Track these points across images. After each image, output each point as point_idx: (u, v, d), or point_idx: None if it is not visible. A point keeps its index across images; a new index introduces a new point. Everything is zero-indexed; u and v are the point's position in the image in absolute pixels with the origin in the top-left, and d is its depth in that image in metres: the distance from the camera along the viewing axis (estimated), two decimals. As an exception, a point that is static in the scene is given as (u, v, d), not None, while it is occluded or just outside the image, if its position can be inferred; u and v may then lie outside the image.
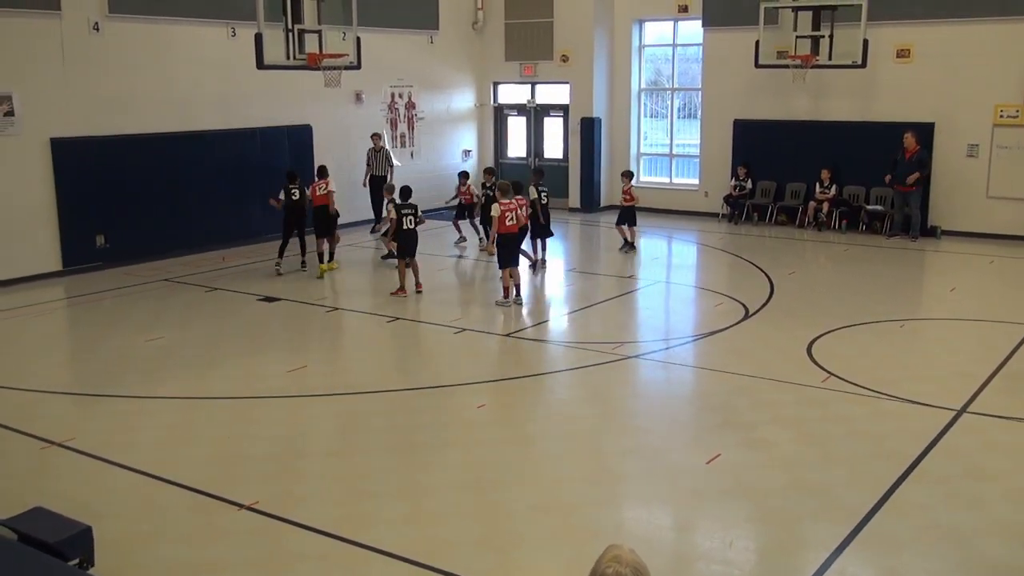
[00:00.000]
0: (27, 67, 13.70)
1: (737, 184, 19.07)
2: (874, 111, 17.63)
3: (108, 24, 14.56)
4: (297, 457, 7.68)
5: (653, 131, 21.49)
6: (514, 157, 22.06)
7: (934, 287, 14.45)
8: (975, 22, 16.50)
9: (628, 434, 8.20)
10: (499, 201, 12.52)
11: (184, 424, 8.44)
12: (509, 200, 12.54)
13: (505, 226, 12.43)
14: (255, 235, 16.83)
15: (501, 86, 22.01)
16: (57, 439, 7.97)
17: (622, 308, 12.95)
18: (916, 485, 6.98)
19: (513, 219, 12.45)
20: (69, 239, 14.43)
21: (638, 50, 20.75)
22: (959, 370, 9.68)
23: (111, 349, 10.81)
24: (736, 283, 14.11)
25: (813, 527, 6.40)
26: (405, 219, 12.98)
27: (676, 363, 10.31)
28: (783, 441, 7.86)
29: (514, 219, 12.47)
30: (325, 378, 9.78)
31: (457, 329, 11.52)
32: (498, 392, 9.33)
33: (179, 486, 7.08)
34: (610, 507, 6.84)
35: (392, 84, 19.49)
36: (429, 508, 6.71)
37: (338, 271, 14.99)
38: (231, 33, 16.03)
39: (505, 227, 12.43)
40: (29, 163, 13.89)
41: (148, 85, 15.16)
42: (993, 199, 16.85)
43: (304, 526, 6.41)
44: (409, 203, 13.18)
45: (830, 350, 10.33)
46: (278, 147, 17.13)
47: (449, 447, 7.86)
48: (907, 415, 8.43)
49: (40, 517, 5.28)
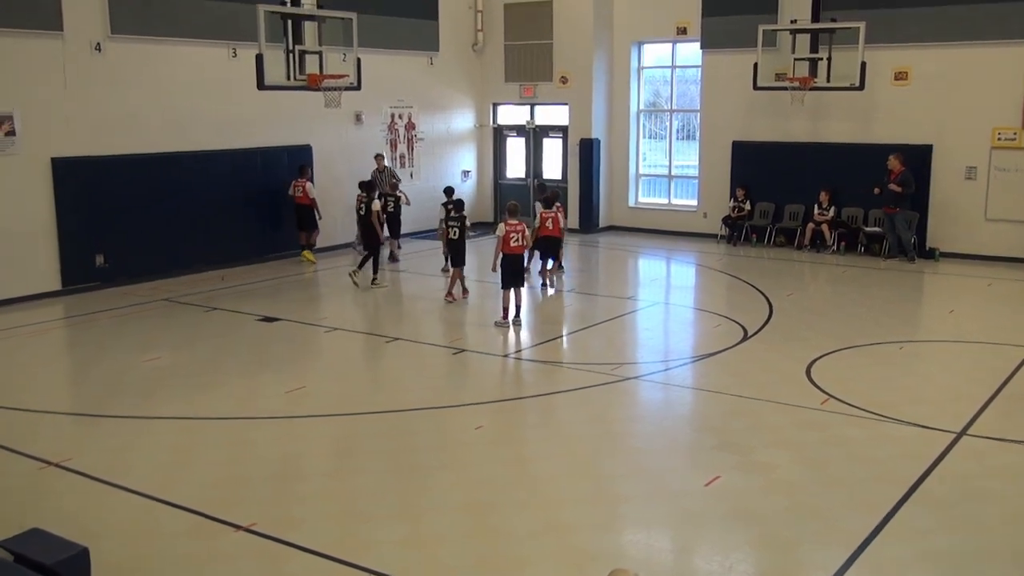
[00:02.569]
0: (29, 87, 13.76)
1: (736, 205, 19.12)
2: (872, 133, 17.71)
3: (110, 44, 14.62)
4: (295, 478, 7.65)
5: (652, 152, 21.57)
6: (513, 177, 22.12)
7: (933, 309, 14.46)
8: (973, 45, 16.60)
9: (627, 456, 8.19)
10: (506, 222, 12.55)
11: (182, 445, 8.41)
12: (517, 221, 12.57)
13: (510, 247, 12.45)
14: (255, 255, 16.87)
15: (500, 107, 22.11)
16: (55, 459, 7.95)
17: (621, 329, 12.95)
18: (916, 508, 6.96)
19: (519, 240, 12.47)
20: (69, 258, 14.44)
21: (637, 71, 20.86)
22: (958, 392, 9.68)
23: (109, 369, 10.80)
24: (735, 304, 14.12)
25: (812, 551, 6.37)
26: (451, 230, 13.76)
27: (675, 384, 10.30)
28: (782, 464, 7.84)
29: (519, 240, 12.49)
30: (324, 399, 9.76)
31: (456, 350, 11.51)
32: (497, 413, 9.31)
33: (176, 507, 7.05)
34: (609, 530, 6.81)
35: (392, 105, 19.57)
36: (427, 530, 6.69)
37: (338, 291, 14.99)
38: (232, 54, 16.10)
39: (510, 248, 12.45)
40: (30, 183, 13.91)
41: (149, 105, 15.21)
42: (991, 221, 16.90)
43: (302, 548, 6.39)
44: (457, 215, 14.04)
45: (829, 372, 10.32)
46: (278, 167, 17.17)
47: (447, 468, 7.84)
48: (906, 438, 8.41)
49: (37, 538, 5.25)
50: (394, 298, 14.53)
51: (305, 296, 14.99)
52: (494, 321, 12.63)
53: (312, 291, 15.57)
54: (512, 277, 12.51)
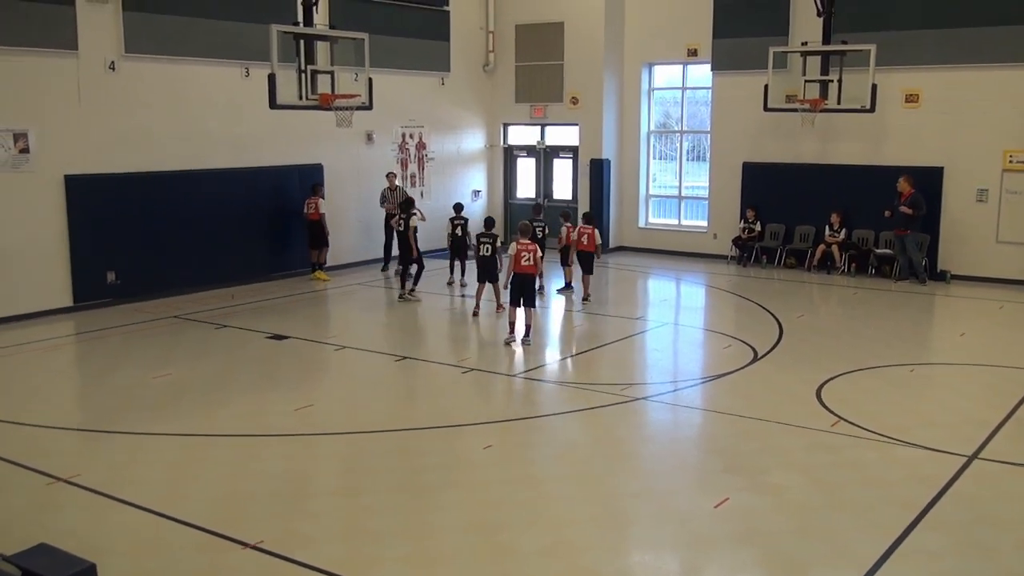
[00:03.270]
0: (43, 105, 13.87)
1: (746, 226, 19.11)
2: (883, 155, 17.70)
3: (124, 64, 14.74)
4: (303, 496, 7.64)
5: (662, 173, 21.60)
6: (523, 198, 22.16)
7: (944, 332, 14.39)
8: (984, 68, 16.60)
9: (636, 476, 8.15)
10: (518, 241, 12.63)
11: (190, 461, 8.42)
12: (528, 241, 12.65)
13: (520, 266, 12.52)
14: (265, 273, 16.92)
15: (511, 127, 22.18)
16: (63, 475, 7.96)
17: (631, 349, 12.92)
18: (926, 532, 6.91)
19: (529, 259, 12.55)
20: (80, 275, 14.50)
21: (647, 93, 20.92)
22: (970, 416, 9.62)
23: (119, 385, 10.82)
24: (745, 325, 14.08)
25: (822, 573, 6.33)
26: (483, 247, 14.12)
27: (684, 405, 10.27)
28: (792, 486, 7.80)
29: (530, 260, 12.56)
30: (332, 417, 9.76)
31: (465, 369, 11.51)
32: (505, 433, 9.29)
33: (184, 524, 7.04)
34: (618, 551, 6.78)
35: (403, 125, 19.65)
36: (435, 549, 6.66)
37: (348, 309, 15.01)
38: (245, 73, 16.21)
39: (520, 267, 12.52)
40: (43, 199, 14.00)
41: (162, 124, 15.32)
42: (1003, 243, 16.85)
43: (309, 566, 6.37)
44: (489, 232, 14.30)
45: (840, 394, 10.28)
46: (289, 185, 17.25)
47: (456, 488, 7.82)
48: (917, 461, 8.36)
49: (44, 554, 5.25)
50: (404, 316, 14.51)
51: (315, 314, 15.01)
52: (504, 340, 12.64)
53: (322, 309, 15.59)
54: (518, 296, 12.58)
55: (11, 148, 13.55)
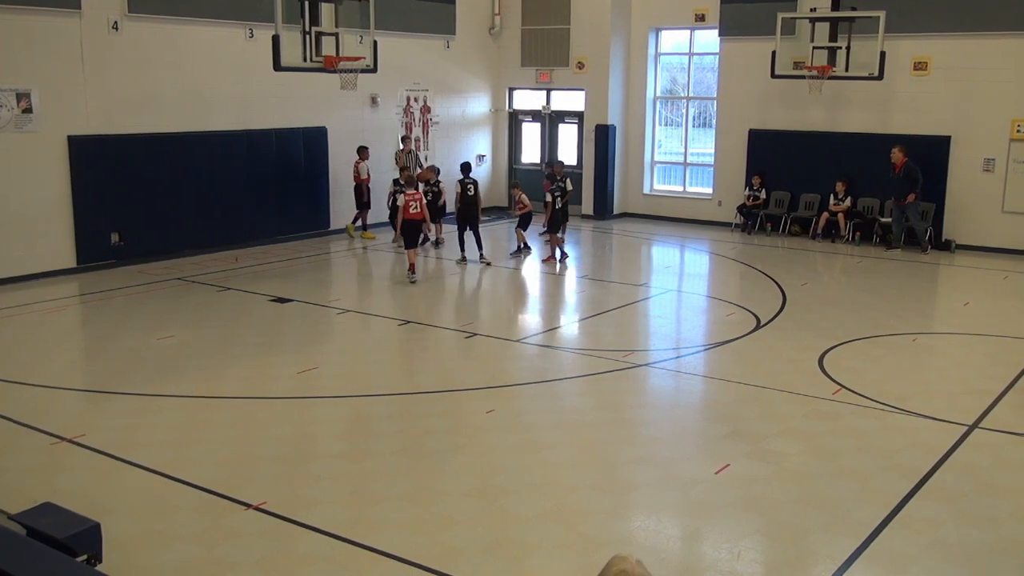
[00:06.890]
0: (46, 65, 13.79)
1: (751, 194, 19.04)
2: (890, 123, 17.59)
3: (127, 23, 14.64)
4: (306, 459, 7.69)
5: (668, 139, 21.48)
6: (528, 163, 22.08)
7: (948, 301, 14.38)
8: (993, 36, 16.44)
9: (637, 443, 8.19)
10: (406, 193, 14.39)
11: (194, 423, 8.46)
12: (414, 191, 14.54)
13: (409, 213, 14.26)
14: (269, 235, 16.91)
15: (516, 92, 22.04)
16: (67, 435, 8.01)
17: (633, 316, 12.93)
18: (926, 501, 6.95)
19: (417, 208, 14.27)
20: (84, 236, 14.51)
21: (654, 58, 20.75)
22: (971, 385, 9.63)
23: (123, 347, 10.85)
24: (748, 293, 14.08)
25: (821, 540, 6.37)
26: (556, 200, 15.34)
27: (686, 372, 10.29)
28: (793, 453, 7.83)
29: (417, 208, 14.28)
30: (335, 380, 9.80)
31: (469, 334, 11.53)
32: (508, 398, 9.33)
33: (188, 485, 7.10)
34: (619, 516, 6.83)
35: (408, 88, 19.53)
36: (437, 513, 6.71)
37: (350, 272, 15.00)
38: (249, 34, 16.10)
39: (409, 215, 14.27)
40: (46, 160, 13.97)
41: (165, 84, 15.24)
42: (1009, 214, 16.78)
43: (312, 527, 6.42)
44: (559, 186, 15.49)
45: (842, 363, 10.29)
46: (293, 148, 17.19)
47: (458, 452, 7.86)
48: (918, 430, 8.39)
49: (49, 513, 5.30)
50: (408, 281, 14.50)
51: (318, 277, 15.02)
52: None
53: (325, 272, 15.60)
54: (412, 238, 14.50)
55: (14, 108, 13.49)
